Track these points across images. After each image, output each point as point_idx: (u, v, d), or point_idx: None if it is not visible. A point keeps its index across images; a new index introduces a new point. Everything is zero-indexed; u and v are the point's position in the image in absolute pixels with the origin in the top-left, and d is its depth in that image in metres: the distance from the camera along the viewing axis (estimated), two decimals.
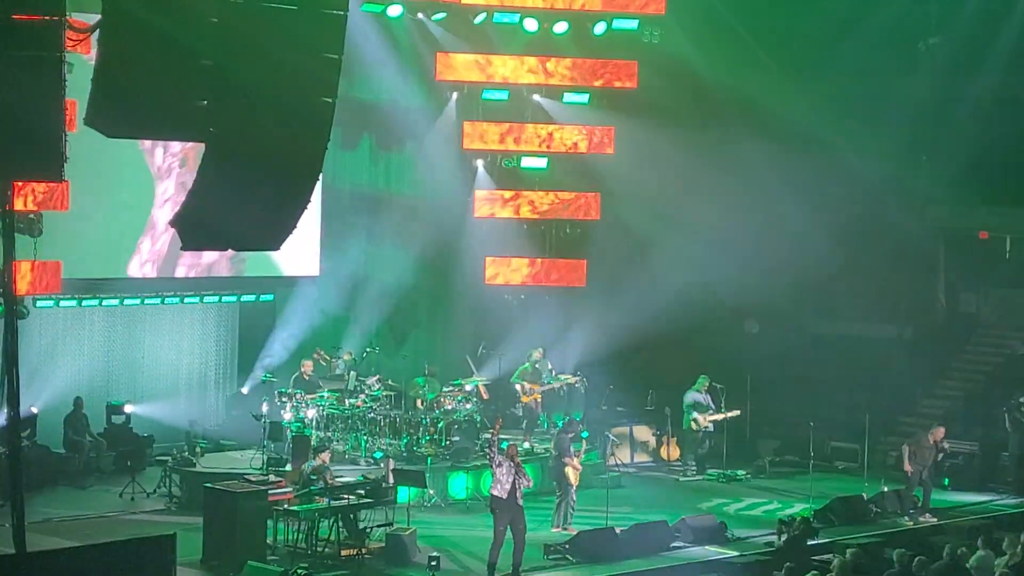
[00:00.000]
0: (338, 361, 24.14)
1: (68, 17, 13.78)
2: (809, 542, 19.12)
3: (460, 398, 22.87)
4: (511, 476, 17.60)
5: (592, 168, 27.05)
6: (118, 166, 22.72)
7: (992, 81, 26.72)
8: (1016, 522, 20.26)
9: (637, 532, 19.20)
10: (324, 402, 22.50)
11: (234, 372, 25.51)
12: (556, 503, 20.25)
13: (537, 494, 20.34)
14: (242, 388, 25.00)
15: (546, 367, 24.25)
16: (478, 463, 21.61)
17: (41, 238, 19.44)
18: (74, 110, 16.28)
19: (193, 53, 13.40)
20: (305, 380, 23.18)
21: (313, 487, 18.29)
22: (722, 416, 24.19)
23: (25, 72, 13.36)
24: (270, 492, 18.38)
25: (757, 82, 25.72)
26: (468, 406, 22.79)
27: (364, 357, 24.16)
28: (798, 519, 19.43)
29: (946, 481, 23.61)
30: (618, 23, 26.14)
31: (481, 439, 22.01)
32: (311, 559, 17.89)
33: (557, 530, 19.91)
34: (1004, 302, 28.06)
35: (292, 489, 18.69)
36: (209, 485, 18.54)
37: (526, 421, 23.60)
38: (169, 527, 17.83)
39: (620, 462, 24.03)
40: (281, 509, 18.24)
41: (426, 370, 23.74)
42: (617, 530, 19.25)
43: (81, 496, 21.29)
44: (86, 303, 23.54)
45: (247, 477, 19.20)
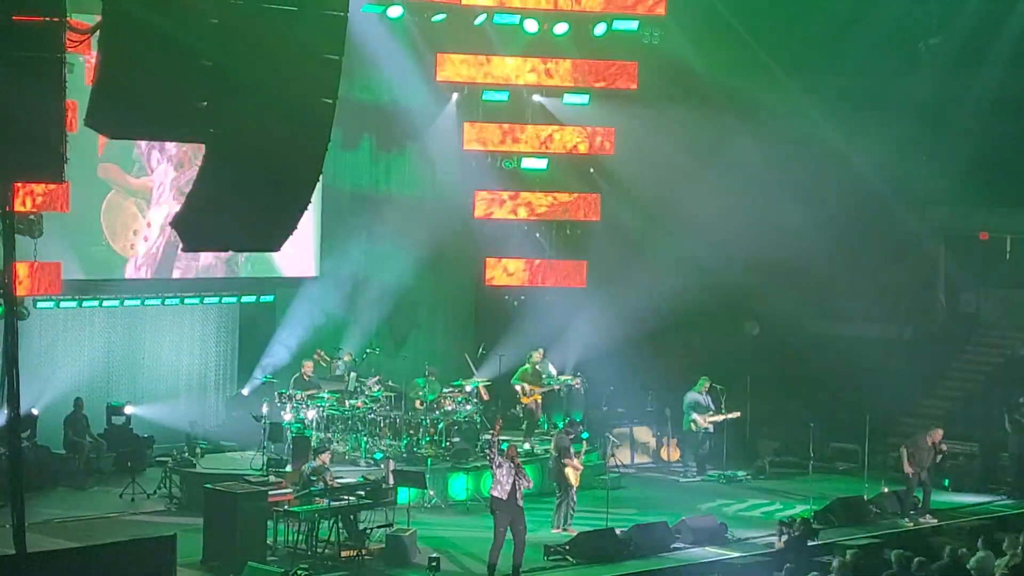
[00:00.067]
0: (338, 362, 24.15)
1: (68, 18, 13.77)
2: (809, 543, 19.10)
3: (460, 399, 22.85)
4: (511, 477, 17.59)
5: (592, 169, 27.07)
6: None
7: (992, 81, 26.71)
8: (1016, 523, 20.25)
9: (637, 533, 19.19)
10: (324, 403, 22.48)
11: (234, 373, 25.49)
12: (556, 504, 20.24)
13: (537, 495, 20.33)
14: (242, 390, 24.97)
15: (546, 368, 24.24)
16: (478, 464, 21.60)
17: (41, 239, 19.42)
18: (74, 111, 16.28)
19: (193, 54, 13.39)
20: (305, 381, 23.19)
21: (313, 488, 18.28)
22: (722, 417, 24.17)
23: (25, 73, 13.35)
24: (270, 493, 18.39)
25: (757, 83, 25.71)
26: (468, 407, 22.79)
27: (364, 358, 24.14)
28: (798, 520, 19.41)
29: (946, 482, 23.61)
30: (618, 24, 26.13)
31: (481, 440, 22.00)
32: (311, 560, 17.88)
33: (557, 531, 19.90)
34: (1004, 302, 28.04)
35: (292, 490, 18.69)
36: (209, 486, 18.55)
37: (526, 422, 23.57)
38: (169, 528, 17.88)
39: (620, 463, 24.00)
40: (281, 510, 18.23)
41: (426, 371, 23.73)
42: (617, 531, 19.24)
43: (81, 497, 21.27)
44: (86, 304, 23.49)
45: (247, 478, 19.22)
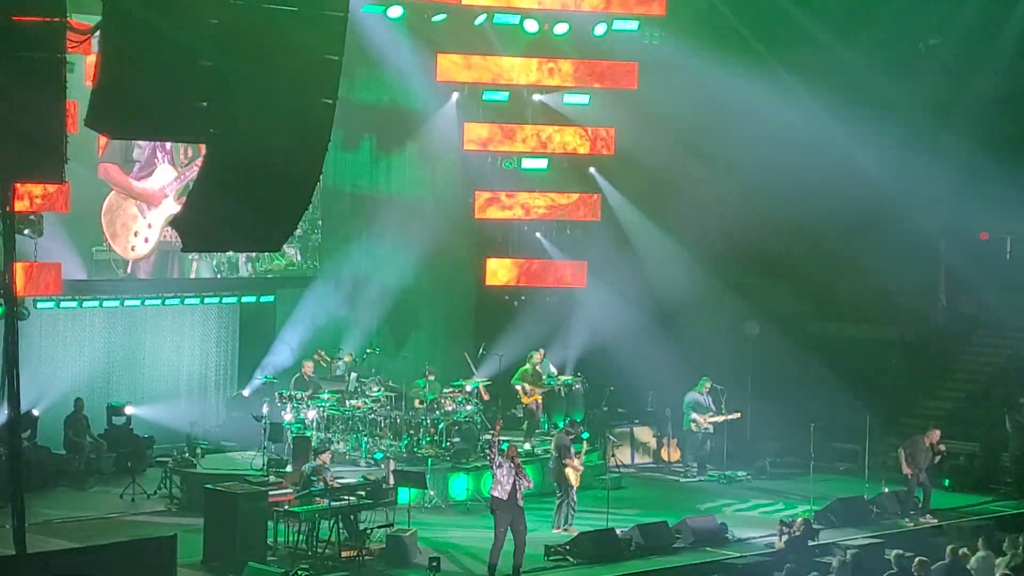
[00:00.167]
0: (338, 362, 24.17)
1: (68, 18, 13.77)
2: (810, 543, 19.10)
3: (460, 399, 22.86)
4: (511, 477, 17.59)
5: (592, 169, 27.07)
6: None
7: (993, 81, 26.70)
8: (1017, 523, 20.25)
9: (638, 533, 19.19)
10: (324, 403, 22.48)
11: (235, 373, 25.48)
12: (557, 504, 20.24)
13: (538, 495, 20.33)
14: (243, 390, 24.94)
15: (547, 368, 24.24)
16: (478, 464, 21.60)
17: (41, 239, 19.43)
18: (75, 111, 16.28)
19: (193, 54, 13.39)
20: (306, 381, 23.20)
21: (314, 488, 18.28)
22: (722, 418, 24.16)
23: (26, 73, 13.35)
24: (270, 493, 18.39)
25: (757, 83, 25.69)
26: (468, 407, 22.79)
27: (364, 358, 24.15)
28: (799, 520, 19.40)
29: (947, 482, 23.63)
30: (618, 24, 26.13)
31: (481, 440, 22.00)
32: (311, 560, 17.88)
33: (558, 531, 19.90)
34: (1005, 303, 28.02)
35: (292, 490, 18.69)
36: (210, 486, 18.54)
37: (527, 422, 23.58)
38: (169, 528, 17.90)
39: (621, 463, 24.00)
40: (281, 510, 18.23)
41: (426, 371, 23.73)
42: (618, 531, 19.25)
43: (81, 497, 21.27)
44: (86, 304, 23.51)
45: (247, 478, 19.21)
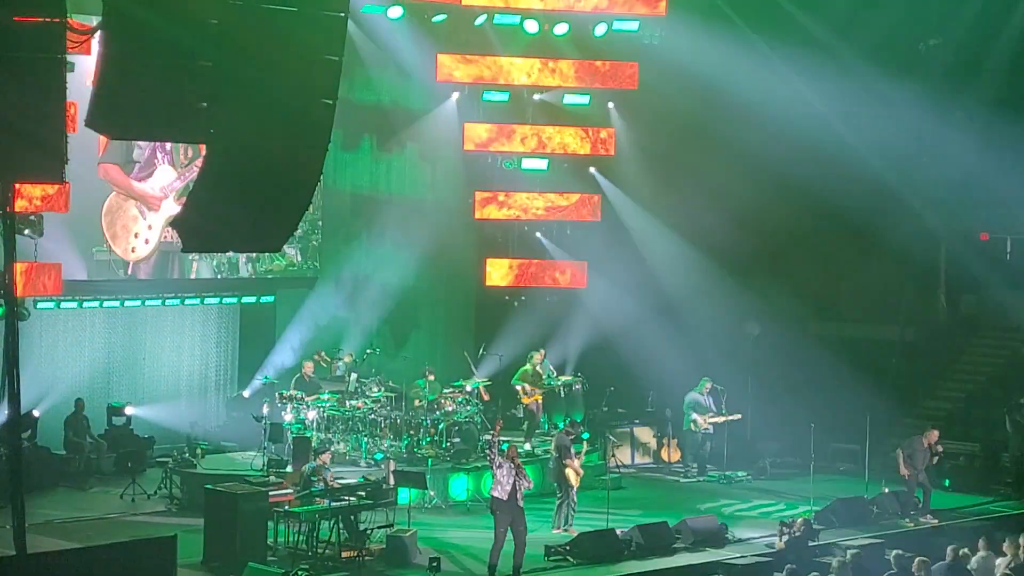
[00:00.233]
0: (339, 363, 24.17)
1: (69, 19, 13.77)
2: (810, 543, 19.11)
3: (461, 400, 22.86)
4: (511, 477, 17.59)
5: (592, 169, 27.07)
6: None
7: (993, 81, 26.69)
8: (1017, 523, 20.24)
9: (638, 533, 19.18)
10: (325, 403, 22.49)
11: (235, 373, 25.48)
12: (557, 504, 20.23)
13: (538, 496, 20.33)
14: (243, 391, 24.93)
15: (547, 369, 24.24)
16: (479, 464, 21.60)
17: (41, 240, 19.42)
18: (75, 111, 16.28)
19: (193, 55, 13.39)
20: (306, 382, 23.20)
21: (314, 488, 18.28)
22: (723, 419, 24.15)
23: (26, 74, 13.35)
24: (271, 493, 18.39)
25: (757, 83, 25.69)
26: (469, 408, 22.79)
27: (365, 359, 24.15)
28: (799, 520, 19.41)
29: (947, 482, 23.62)
30: (619, 25, 26.14)
31: (482, 440, 21.99)
32: (311, 560, 17.86)
33: (558, 531, 19.89)
34: (1005, 304, 28.03)
35: (293, 490, 18.69)
36: (210, 487, 18.53)
37: (527, 423, 23.58)
38: (170, 529, 17.91)
39: (621, 463, 24.00)
40: (282, 510, 18.22)
41: (426, 371, 23.73)
42: (618, 531, 19.24)
43: (81, 498, 21.26)
44: (87, 304, 23.50)
45: (248, 479, 19.21)
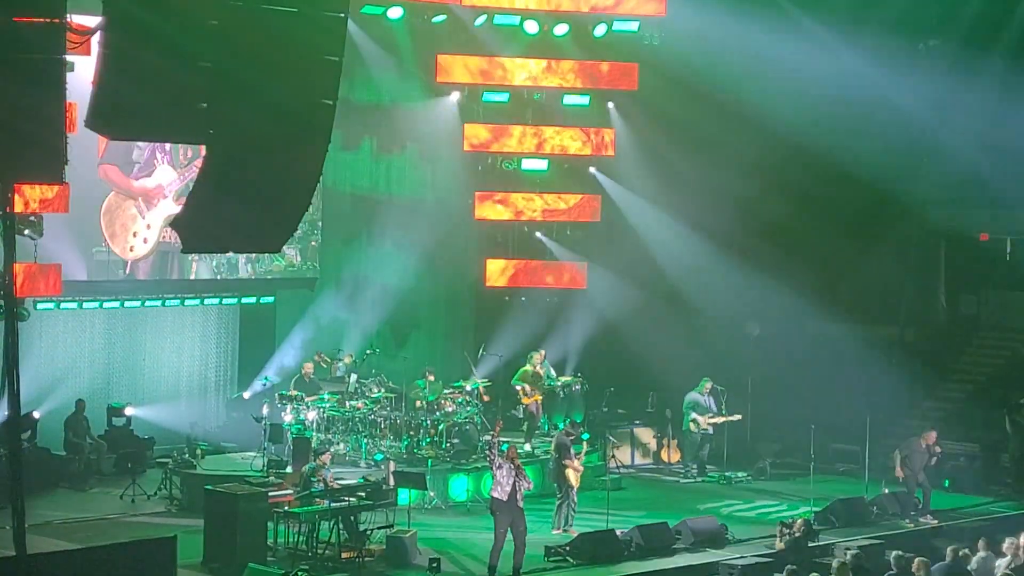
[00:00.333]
0: (339, 363, 24.17)
1: (69, 19, 13.77)
2: (810, 544, 19.11)
3: (461, 400, 22.86)
4: (511, 478, 17.59)
5: (592, 169, 27.08)
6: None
7: (993, 81, 26.69)
8: (1017, 524, 20.23)
9: (638, 534, 19.18)
10: (325, 404, 22.48)
11: (235, 374, 25.49)
12: (557, 505, 20.23)
13: (538, 496, 20.30)
14: (243, 393, 24.91)
15: (547, 369, 24.24)
16: (479, 465, 21.60)
17: (41, 240, 19.41)
18: (75, 112, 16.27)
19: (193, 55, 13.37)
20: (306, 382, 23.20)
21: (314, 489, 18.28)
22: (722, 419, 24.15)
23: (26, 74, 13.34)
24: (270, 494, 18.39)
25: (757, 84, 25.69)
26: (469, 408, 22.78)
27: (365, 359, 24.15)
28: (799, 521, 19.41)
29: (946, 483, 23.62)
30: (618, 25, 26.14)
31: (481, 441, 21.99)
32: (311, 561, 17.86)
33: (558, 532, 19.90)
34: (1004, 304, 28.03)
35: (292, 491, 18.69)
36: (210, 487, 18.53)
37: (527, 423, 23.57)
38: (169, 529, 17.93)
39: (621, 464, 24.00)
40: (281, 511, 18.23)
41: (426, 372, 23.73)
42: (618, 532, 19.24)
43: (81, 498, 21.26)
44: (87, 305, 23.51)
45: (247, 479, 19.21)
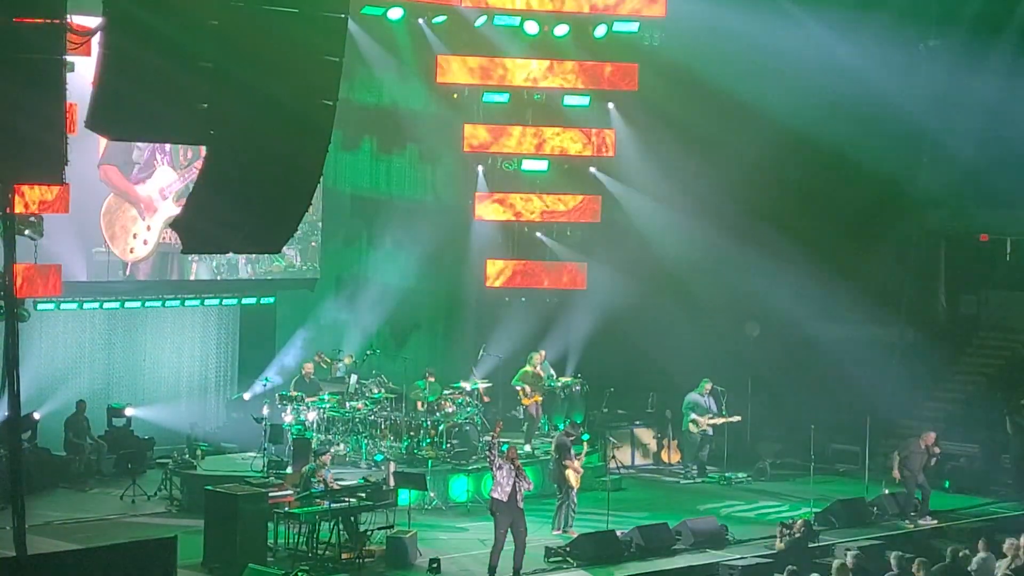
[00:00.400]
0: (339, 364, 24.16)
1: (69, 19, 13.77)
2: (810, 544, 19.11)
3: (461, 401, 22.86)
4: (511, 479, 17.58)
5: (593, 170, 27.08)
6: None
7: (993, 81, 26.69)
8: (1017, 524, 20.23)
9: (638, 534, 19.19)
10: (325, 405, 22.48)
11: (235, 375, 25.49)
12: (557, 506, 20.23)
13: (538, 497, 20.28)
14: (243, 394, 24.91)
15: (547, 370, 24.24)
16: (479, 466, 21.59)
17: (41, 241, 19.41)
18: (75, 113, 16.27)
19: (194, 56, 13.37)
20: (306, 383, 23.20)
21: (314, 490, 18.28)
22: (722, 420, 24.15)
23: (26, 75, 13.33)
24: (271, 495, 18.39)
25: (757, 84, 25.70)
26: (469, 409, 22.79)
27: (365, 360, 24.15)
28: (799, 521, 19.42)
29: (947, 483, 23.62)
30: (618, 26, 26.16)
31: (482, 442, 21.98)
32: (311, 562, 17.87)
33: (558, 533, 19.90)
34: (1005, 304, 28.02)
35: (293, 492, 18.69)
36: (210, 488, 18.53)
37: (527, 424, 23.58)
38: (170, 530, 17.92)
39: (621, 465, 24.00)
40: (282, 512, 18.23)
41: (426, 372, 23.73)
42: (618, 533, 19.24)
43: (82, 499, 21.26)
44: (87, 306, 23.51)
45: (248, 480, 19.21)
